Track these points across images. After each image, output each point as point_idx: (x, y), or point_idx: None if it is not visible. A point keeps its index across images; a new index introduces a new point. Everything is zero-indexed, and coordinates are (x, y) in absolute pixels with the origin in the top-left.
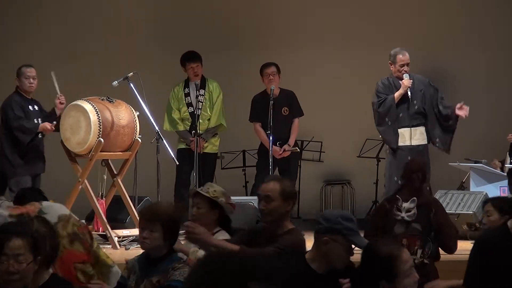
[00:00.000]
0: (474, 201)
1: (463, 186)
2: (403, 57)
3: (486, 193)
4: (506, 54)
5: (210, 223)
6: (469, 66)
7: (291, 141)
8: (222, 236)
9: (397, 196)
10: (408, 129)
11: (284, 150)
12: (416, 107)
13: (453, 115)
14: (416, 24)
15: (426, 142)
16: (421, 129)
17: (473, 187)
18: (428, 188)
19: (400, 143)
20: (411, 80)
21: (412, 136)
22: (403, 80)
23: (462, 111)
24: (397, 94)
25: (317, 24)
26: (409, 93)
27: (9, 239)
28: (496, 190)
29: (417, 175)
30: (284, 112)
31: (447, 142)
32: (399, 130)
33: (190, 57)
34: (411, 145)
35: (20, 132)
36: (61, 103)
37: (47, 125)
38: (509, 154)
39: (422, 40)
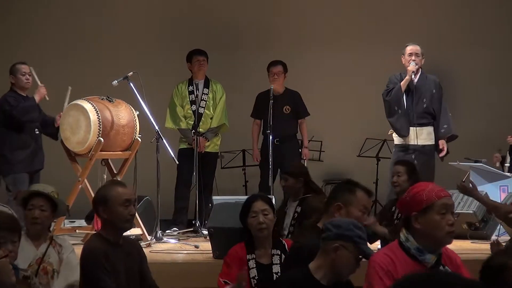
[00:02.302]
0: (474, 201)
1: None
2: (411, 47)
3: (486, 193)
4: (507, 53)
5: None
6: (469, 65)
7: (306, 142)
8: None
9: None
10: (414, 128)
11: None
12: (425, 105)
13: (440, 138)
14: (417, 24)
15: (433, 143)
16: (429, 129)
17: None
18: None
19: (406, 142)
20: (416, 66)
21: (418, 135)
22: (408, 67)
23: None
24: (403, 82)
25: (319, 23)
26: (415, 82)
27: None
28: (496, 189)
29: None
30: (285, 110)
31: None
32: None
33: (197, 51)
34: (417, 144)
35: (22, 113)
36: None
37: (42, 89)
38: (509, 154)
39: (424, 39)
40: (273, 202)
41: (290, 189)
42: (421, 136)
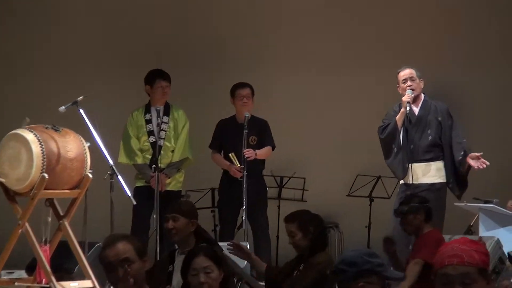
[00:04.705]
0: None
1: (470, 231)
2: (403, 72)
3: (497, 239)
4: None
5: None
6: (480, 90)
7: (260, 151)
8: None
9: None
10: (421, 164)
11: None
12: (430, 137)
13: (464, 161)
14: (416, 43)
15: (444, 180)
16: (438, 164)
17: (482, 232)
18: None
19: (411, 181)
20: (412, 95)
21: (425, 173)
22: (403, 97)
23: (476, 162)
24: (398, 115)
25: (299, 42)
26: (416, 112)
27: None
28: (510, 234)
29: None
30: (251, 141)
31: (458, 189)
32: (411, 165)
33: (161, 74)
34: (424, 183)
35: None
36: None
37: None
38: None
39: (422, 61)
40: (224, 255)
41: (179, 233)
42: (428, 173)
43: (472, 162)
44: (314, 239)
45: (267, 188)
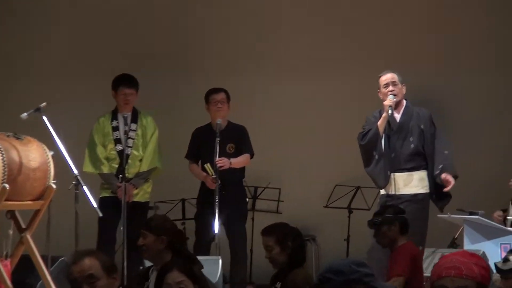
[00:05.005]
0: None
1: (455, 244)
2: (384, 76)
3: (483, 252)
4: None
5: None
6: (464, 96)
7: (235, 160)
8: None
9: None
10: (403, 173)
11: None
12: (412, 145)
13: (439, 177)
14: (393, 45)
15: (427, 191)
16: (421, 174)
17: (467, 245)
18: (421, 248)
19: (393, 191)
20: (395, 99)
21: (407, 183)
22: (384, 102)
23: (446, 183)
24: (380, 121)
25: (278, 48)
26: (397, 118)
27: None
28: (496, 248)
29: None
30: (229, 150)
31: (440, 201)
32: (392, 175)
33: (125, 80)
34: (406, 194)
35: None
36: None
37: None
38: (511, 204)
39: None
40: (200, 269)
41: (149, 250)
42: (410, 183)
43: (445, 182)
44: (292, 254)
45: (247, 199)
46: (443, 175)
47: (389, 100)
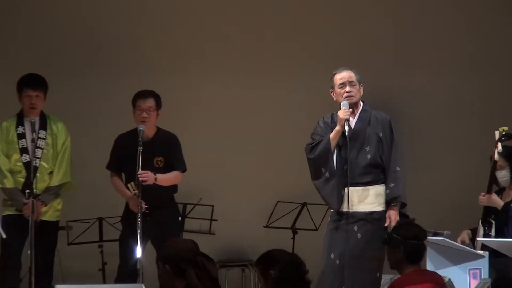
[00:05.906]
0: None
1: None
2: (340, 74)
3: (449, 279)
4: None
5: None
6: (427, 99)
7: (162, 176)
8: None
9: None
10: (357, 188)
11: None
12: (369, 155)
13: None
14: (348, 42)
15: (383, 208)
16: (378, 188)
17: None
18: (378, 275)
19: (345, 208)
20: (349, 110)
21: (362, 199)
22: (338, 112)
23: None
24: (333, 133)
25: (210, 48)
26: (346, 131)
27: None
28: (464, 274)
29: None
30: (157, 163)
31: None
32: (346, 189)
33: (29, 82)
34: (360, 211)
35: None
36: None
37: None
38: (481, 223)
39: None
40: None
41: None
42: (365, 199)
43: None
44: (275, 286)
45: (179, 218)
46: (389, 212)
47: (344, 112)
